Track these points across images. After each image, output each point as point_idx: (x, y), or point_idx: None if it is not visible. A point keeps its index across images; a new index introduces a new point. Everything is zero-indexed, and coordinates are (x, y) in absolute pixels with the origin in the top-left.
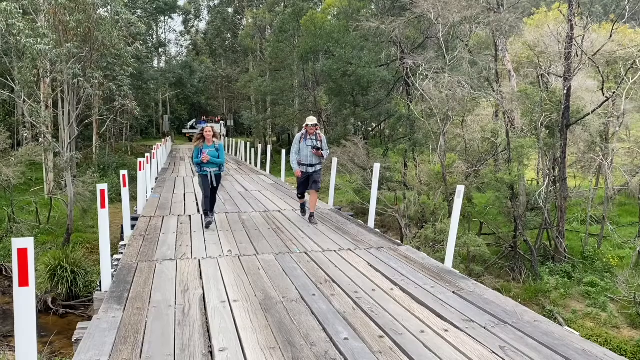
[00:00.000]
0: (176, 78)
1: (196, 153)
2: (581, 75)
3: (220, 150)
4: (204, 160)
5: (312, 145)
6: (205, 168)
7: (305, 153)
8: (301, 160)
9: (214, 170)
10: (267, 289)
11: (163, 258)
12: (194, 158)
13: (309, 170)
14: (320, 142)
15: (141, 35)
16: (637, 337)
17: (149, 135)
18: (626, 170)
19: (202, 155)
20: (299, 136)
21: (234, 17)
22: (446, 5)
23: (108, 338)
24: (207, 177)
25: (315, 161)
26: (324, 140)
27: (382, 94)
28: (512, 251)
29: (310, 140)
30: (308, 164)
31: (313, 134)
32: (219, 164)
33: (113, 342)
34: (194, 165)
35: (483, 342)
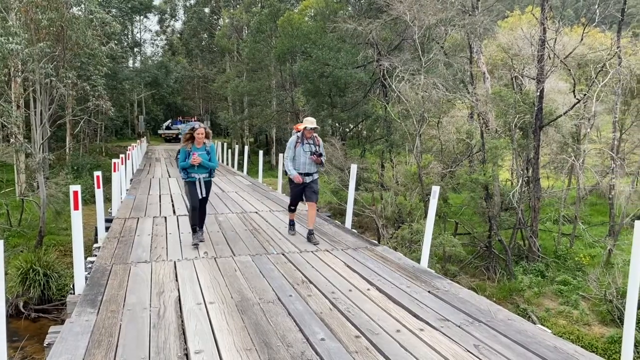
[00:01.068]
0: (152, 78)
1: (183, 156)
2: (553, 77)
3: (212, 153)
4: (193, 163)
5: (311, 150)
6: (193, 174)
7: (302, 160)
8: (297, 168)
9: (203, 176)
10: (243, 291)
11: (138, 260)
12: (180, 162)
13: (306, 179)
14: (318, 146)
15: (116, 34)
16: (608, 334)
17: (124, 136)
18: (597, 171)
19: (192, 157)
20: (294, 140)
21: (210, 17)
22: (422, 8)
23: (81, 342)
24: (196, 184)
25: (314, 169)
26: (322, 144)
27: (359, 95)
28: (487, 251)
29: (308, 144)
30: (305, 172)
31: (310, 137)
32: (209, 169)
33: (86, 346)
34: (180, 170)
35: (458, 341)
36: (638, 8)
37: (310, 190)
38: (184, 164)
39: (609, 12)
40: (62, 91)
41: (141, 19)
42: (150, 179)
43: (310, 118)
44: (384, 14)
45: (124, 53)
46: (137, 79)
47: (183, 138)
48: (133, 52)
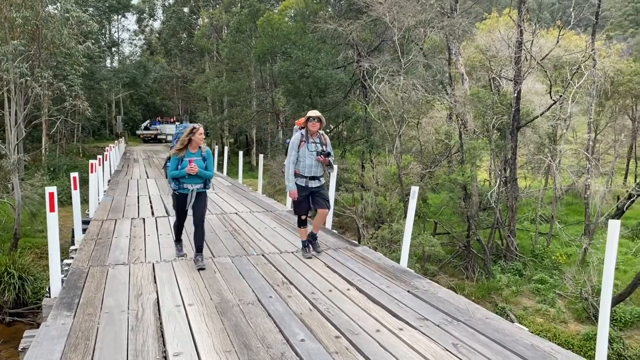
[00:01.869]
0: (130, 78)
1: (174, 164)
2: (530, 79)
3: (209, 160)
4: (190, 173)
5: (318, 150)
6: (185, 184)
7: (308, 162)
8: (301, 171)
9: (197, 186)
10: (223, 292)
11: (116, 262)
12: (171, 170)
13: (312, 184)
14: (325, 145)
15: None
16: (583, 331)
17: (101, 136)
18: (573, 171)
19: (189, 165)
20: (297, 139)
21: (189, 17)
22: (401, 9)
23: (57, 346)
24: (187, 197)
25: (321, 172)
26: (329, 142)
27: (340, 96)
28: (466, 250)
29: (314, 143)
30: (311, 176)
31: (316, 134)
32: (205, 178)
33: (62, 350)
34: (170, 181)
35: (437, 340)
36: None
37: (319, 196)
38: (177, 173)
39: (583, 15)
40: (37, 91)
41: (119, 18)
42: (128, 180)
43: (314, 111)
44: (364, 15)
45: (102, 52)
46: (115, 79)
47: (180, 142)
48: (111, 51)
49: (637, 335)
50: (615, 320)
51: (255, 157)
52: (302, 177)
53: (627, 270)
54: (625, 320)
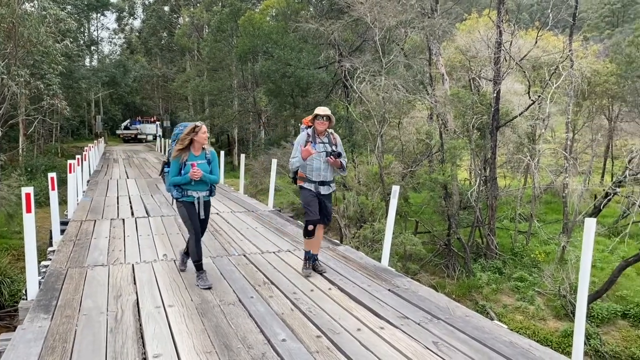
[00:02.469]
0: (109, 77)
1: (175, 168)
2: (509, 79)
3: (214, 163)
4: (194, 178)
5: (327, 151)
6: (190, 191)
7: (316, 165)
8: (309, 175)
9: (203, 194)
10: (203, 293)
11: (95, 263)
12: (172, 176)
13: (321, 190)
14: (335, 145)
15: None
16: (562, 328)
17: (80, 136)
18: (551, 170)
19: (192, 169)
20: (303, 139)
21: (170, 16)
22: (382, 9)
23: (33, 349)
24: (194, 205)
25: (331, 176)
26: (340, 142)
27: (322, 96)
28: (447, 249)
29: (322, 143)
30: (320, 180)
31: (324, 133)
32: (210, 184)
33: (39, 353)
34: (171, 188)
35: (417, 338)
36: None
37: (322, 206)
38: (179, 179)
39: (561, 16)
40: (14, 90)
41: (98, 17)
42: (107, 180)
43: (323, 107)
44: (346, 15)
45: (80, 51)
46: (94, 78)
47: (180, 144)
48: (90, 50)
49: (613, 331)
50: (593, 317)
51: (237, 157)
52: (310, 182)
53: (604, 268)
54: (602, 316)
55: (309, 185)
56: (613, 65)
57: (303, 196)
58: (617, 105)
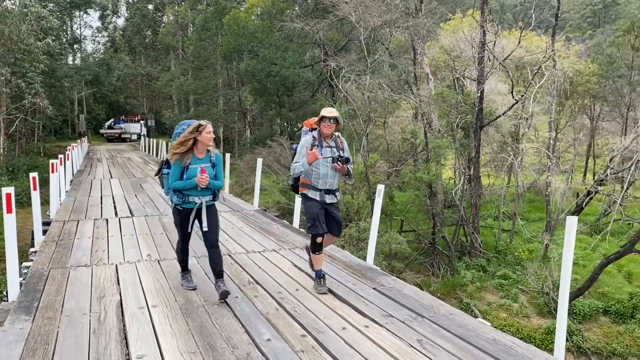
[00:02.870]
0: (92, 76)
1: (177, 172)
2: (493, 79)
3: (219, 166)
4: (202, 184)
5: (334, 156)
6: (191, 197)
7: (322, 171)
8: (314, 183)
9: (206, 199)
10: (188, 294)
11: (77, 264)
12: (172, 179)
13: (327, 199)
14: (342, 150)
15: (53, 30)
16: (545, 325)
17: (63, 135)
18: (534, 169)
19: (200, 175)
20: (308, 141)
21: (154, 14)
22: (367, 9)
23: (14, 351)
24: (191, 213)
25: (337, 184)
26: (347, 147)
27: (307, 95)
28: (431, 247)
29: (328, 148)
30: (326, 189)
31: (331, 136)
32: (214, 189)
33: (20, 355)
34: (170, 192)
35: (402, 337)
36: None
37: (332, 218)
38: (182, 185)
39: (544, 17)
40: None
41: (81, 15)
42: (91, 180)
43: (330, 108)
44: (331, 14)
45: (63, 49)
46: (77, 77)
47: (179, 141)
48: (73, 48)
49: (595, 328)
50: (575, 313)
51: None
52: (315, 190)
53: (586, 265)
54: (584, 313)
55: (313, 194)
56: (595, 65)
57: (308, 207)
58: (598, 104)
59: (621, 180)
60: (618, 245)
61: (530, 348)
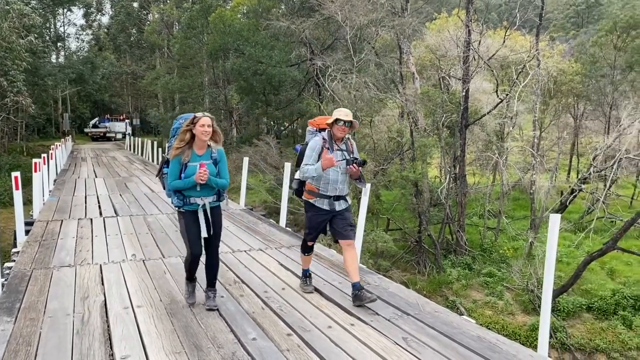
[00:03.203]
0: (77, 74)
1: (175, 170)
2: (478, 78)
3: (222, 163)
4: (200, 181)
5: (347, 159)
6: (193, 198)
7: (333, 177)
8: (322, 190)
9: (209, 199)
10: (173, 293)
11: (61, 264)
12: (171, 179)
13: (336, 205)
14: (352, 152)
15: (36, 27)
16: (530, 322)
17: (47, 134)
18: (519, 168)
19: (199, 170)
20: (318, 143)
21: (139, 12)
22: (353, 8)
23: None
24: (198, 214)
25: (347, 190)
26: (357, 150)
27: (294, 94)
28: (417, 245)
29: (340, 151)
30: (336, 195)
31: (342, 140)
32: (219, 188)
33: (1, 356)
34: (170, 193)
35: (387, 334)
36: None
37: (343, 221)
38: (181, 184)
39: (528, 16)
40: None
41: (65, 12)
42: (75, 180)
43: (344, 109)
44: (317, 13)
45: (46, 47)
46: (61, 75)
47: (179, 138)
48: (56, 46)
49: (579, 324)
50: (559, 310)
51: None
52: (324, 198)
53: (570, 263)
54: (568, 310)
55: (321, 203)
56: (578, 65)
57: (311, 217)
58: (582, 103)
59: (604, 178)
60: (601, 242)
61: (514, 345)
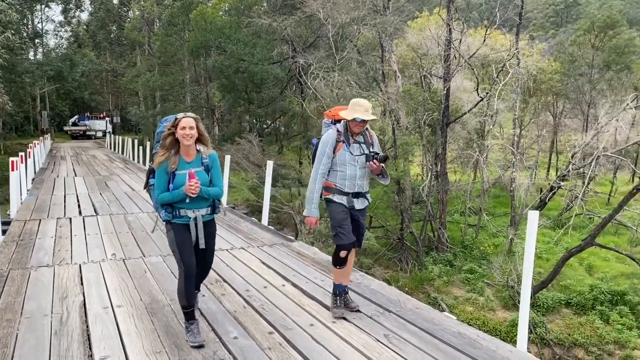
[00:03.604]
0: (55, 71)
1: (162, 181)
2: (459, 76)
3: (215, 169)
4: (190, 194)
5: (365, 153)
6: (183, 210)
7: (350, 172)
8: (340, 186)
9: (202, 212)
10: (153, 293)
11: (39, 264)
12: (158, 192)
13: (356, 204)
14: (372, 145)
15: (13, 24)
16: (510, 318)
17: (25, 132)
18: (499, 165)
19: (188, 182)
20: (332, 138)
21: (119, 9)
22: (335, 6)
23: None
24: (190, 228)
25: (367, 186)
26: (377, 141)
27: (276, 92)
28: (400, 243)
29: (357, 144)
30: (355, 192)
31: (360, 132)
32: (213, 198)
33: None
34: (157, 206)
35: (369, 332)
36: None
37: (358, 228)
38: (169, 197)
39: (508, 15)
40: None
41: (42, 8)
42: (54, 178)
43: (361, 101)
44: (299, 10)
45: (23, 44)
46: (39, 72)
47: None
48: (34, 43)
49: (558, 320)
50: (539, 306)
51: None
52: (342, 194)
53: (549, 259)
54: (548, 305)
55: (339, 199)
56: (557, 64)
57: (333, 212)
58: (561, 102)
59: (582, 175)
60: (579, 239)
61: (494, 340)
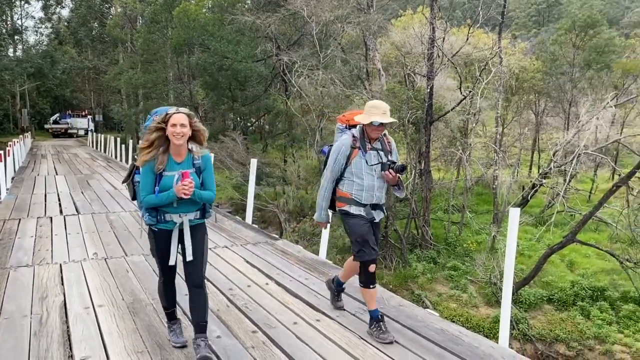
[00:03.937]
0: (35, 68)
1: (149, 181)
2: (442, 75)
3: (207, 172)
4: (183, 195)
5: (381, 162)
6: (169, 214)
7: (368, 182)
8: (356, 196)
9: (190, 216)
10: (135, 292)
11: (18, 264)
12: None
13: (375, 216)
14: (390, 153)
15: None
16: (493, 314)
17: (4, 131)
18: (482, 163)
19: (181, 182)
20: (346, 145)
21: (101, 5)
22: (318, 4)
23: None
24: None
25: (384, 197)
26: (395, 149)
27: (260, 89)
28: (384, 240)
29: (374, 151)
30: (373, 203)
31: (377, 139)
32: (204, 202)
33: None
34: (143, 210)
35: (352, 329)
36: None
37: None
38: (156, 200)
39: (491, 14)
40: None
41: (22, 4)
42: (35, 177)
43: (378, 102)
44: (282, 8)
45: (2, 40)
46: (19, 69)
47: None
48: (13, 39)
49: (540, 316)
50: (521, 302)
51: None
52: (359, 206)
53: (531, 256)
54: (530, 302)
55: (357, 210)
56: (539, 63)
57: (353, 225)
58: (543, 100)
59: (564, 173)
60: (561, 235)
61: (476, 337)
